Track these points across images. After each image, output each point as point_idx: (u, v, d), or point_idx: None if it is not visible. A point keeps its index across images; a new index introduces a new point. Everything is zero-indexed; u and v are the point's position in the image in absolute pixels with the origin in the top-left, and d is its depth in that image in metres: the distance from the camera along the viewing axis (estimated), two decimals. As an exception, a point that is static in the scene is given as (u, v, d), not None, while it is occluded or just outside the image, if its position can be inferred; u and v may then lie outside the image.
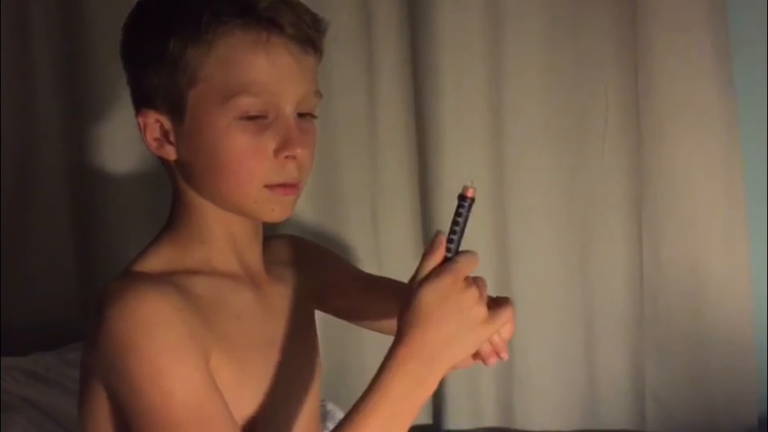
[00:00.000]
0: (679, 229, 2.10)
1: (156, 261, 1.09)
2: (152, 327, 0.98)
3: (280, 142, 1.06)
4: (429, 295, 0.96)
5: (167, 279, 1.05)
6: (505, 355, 1.07)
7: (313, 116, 1.12)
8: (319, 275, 1.30)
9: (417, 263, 2.17)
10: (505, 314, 0.99)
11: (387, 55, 2.06)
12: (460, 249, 1.00)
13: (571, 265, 2.10)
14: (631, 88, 2.05)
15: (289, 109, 1.07)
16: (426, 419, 2.15)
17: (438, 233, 0.99)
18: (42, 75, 2.06)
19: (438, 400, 2.14)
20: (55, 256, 2.10)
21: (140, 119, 1.09)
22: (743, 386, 2.10)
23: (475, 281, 0.98)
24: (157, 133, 1.09)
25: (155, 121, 1.08)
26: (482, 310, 0.97)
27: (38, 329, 2.05)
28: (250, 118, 1.05)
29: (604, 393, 2.13)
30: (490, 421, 2.16)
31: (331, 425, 1.74)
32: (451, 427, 2.14)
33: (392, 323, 1.28)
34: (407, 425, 0.97)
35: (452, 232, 0.99)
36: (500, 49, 2.03)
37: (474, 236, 1.08)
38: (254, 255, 1.16)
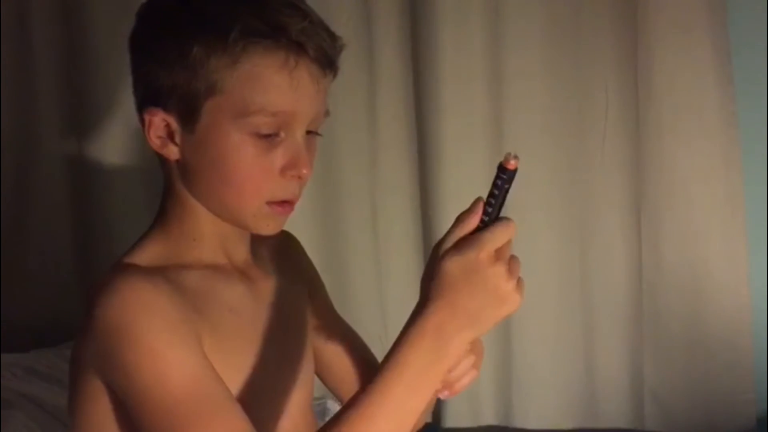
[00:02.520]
0: (679, 228, 2.10)
1: (146, 255, 1.09)
2: (144, 312, 0.98)
3: (289, 161, 1.06)
4: (452, 267, 0.92)
5: (157, 272, 1.05)
6: (447, 394, 1.07)
7: (317, 134, 1.12)
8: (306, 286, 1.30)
9: (417, 263, 2.18)
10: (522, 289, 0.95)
11: (387, 54, 2.07)
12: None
13: (570, 264, 2.10)
14: (632, 89, 2.06)
15: (300, 129, 1.07)
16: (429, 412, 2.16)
17: (478, 199, 0.95)
18: (42, 70, 2.06)
19: (437, 399, 2.15)
20: (54, 254, 2.10)
21: (146, 117, 1.08)
22: (741, 385, 2.10)
23: (510, 258, 0.95)
24: (161, 132, 1.08)
25: (161, 120, 1.07)
26: (507, 287, 0.93)
27: (38, 326, 2.05)
28: (263, 135, 1.05)
29: (602, 391, 2.13)
30: (489, 420, 2.16)
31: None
32: (450, 425, 2.15)
33: (332, 379, 1.29)
34: (426, 397, 0.96)
35: (488, 203, 0.94)
36: (500, 48, 2.03)
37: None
38: (243, 251, 1.16)
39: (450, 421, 2.15)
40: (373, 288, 2.13)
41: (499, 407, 2.15)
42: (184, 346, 0.99)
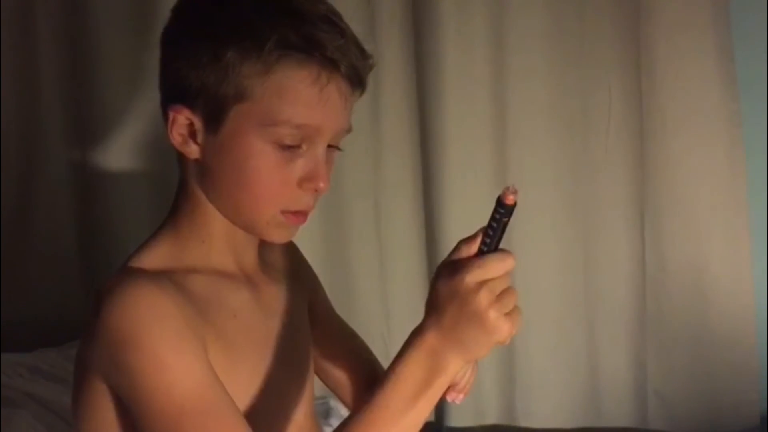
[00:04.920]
0: (682, 227, 2.11)
1: (154, 257, 1.09)
2: (151, 319, 0.99)
3: (307, 174, 1.07)
4: (441, 288, 0.94)
5: (165, 276, 1.06)
6: (462, 397, 1.11)
7: (338, 149, 1.12)
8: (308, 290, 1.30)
9: (420, 263, 2.18)
10: (516, 319, 0.96)
11: (390, 55, 2.07)
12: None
13: (574, 264, 2.11)
14: (635, 89, 2.06)
15: (322, 144, 1.08)
16: (428, 416, 2.16)
17: (481, 228, 0.96)
18: (46, 73, 2.06)
19: (441, 398, 2.15)
20: (58, 253, 2.10)
21: (171, 113, 1.07)
22: (745, 383, 2.11)
23: (504, 290, 0.94)
24: (183, 130, 1.07)
25: (186, 119, 1.07)
26: (490, 314, 0.92)
27: (42, 326, 2.06)
28: (285, 146, 1.06)
29: (606, 390, 2.13)
30: (493, 419, 2.17)
31: (335, 421, 1.75)
32: (454, 424, 2.15)
33: (333, 381, 1.29)
34: (426, 410, 0.97)
35: (486, 234, 0.94)
36: (503, 48, 2.04)
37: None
38: (251, 255, 1.17)
39: (454, 420, 2.15)
40: (376, 287, 2.13)
41: (502, 406, 2.15)
42: (190, 354, 0.99)
